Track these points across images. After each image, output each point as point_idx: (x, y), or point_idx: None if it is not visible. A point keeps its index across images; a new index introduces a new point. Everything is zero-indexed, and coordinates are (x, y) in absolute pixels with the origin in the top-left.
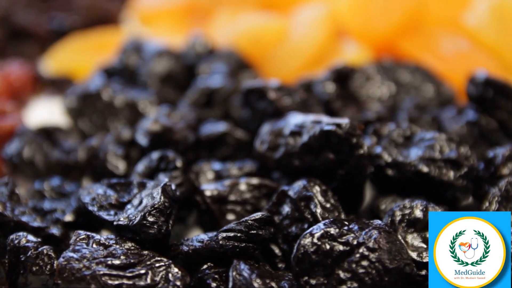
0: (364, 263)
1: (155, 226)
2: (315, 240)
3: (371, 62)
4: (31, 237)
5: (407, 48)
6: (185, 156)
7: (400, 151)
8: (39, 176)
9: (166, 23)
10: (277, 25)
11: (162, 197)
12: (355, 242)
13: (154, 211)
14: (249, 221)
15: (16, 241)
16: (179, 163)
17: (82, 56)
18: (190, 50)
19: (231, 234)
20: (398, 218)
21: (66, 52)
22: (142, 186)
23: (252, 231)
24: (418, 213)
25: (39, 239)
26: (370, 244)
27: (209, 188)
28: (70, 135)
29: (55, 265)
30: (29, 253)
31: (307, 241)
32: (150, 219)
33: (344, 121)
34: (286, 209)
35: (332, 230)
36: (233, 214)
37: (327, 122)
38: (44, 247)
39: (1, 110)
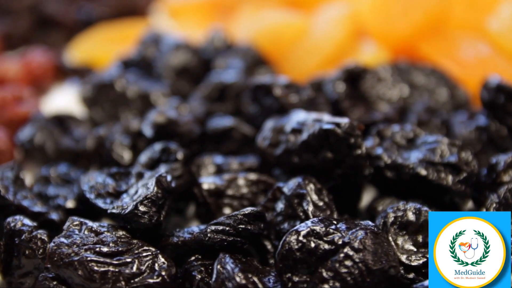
0: (348, 263)
1: (146, 216)
2: (300, 238)
3: (386, 63)
4: (27, 221)
5: (426, 51)
6: (190, 148)
7: (401, 153)
8: (49, 162)
9: (193, 17)
10: (297, 23)
11: (155, 188)
12: (340, 242)
13: (146, 201)
14: (239, 216)
15: (12, 224)
16: (179, 156)
17: (106, 47)
18: (208, 44)
19: (220, 228)
20: (390, 220)
21: (91, 42)
22: (139, 176)
23: (241, 226)
24: (410, 216)
25: (34, 224)
26: (355, 244)
27: (207, 181)
28: (82, 124)
29: (47, 249)
30: (23, 236)
31: (292, 238)
32: (142, 208)
33: (344, 120)
34: (280, 205)
35: (319, 229)
36: (229, 208)
37: (327, 121)
38: (38, 231)
39: (19, 96)
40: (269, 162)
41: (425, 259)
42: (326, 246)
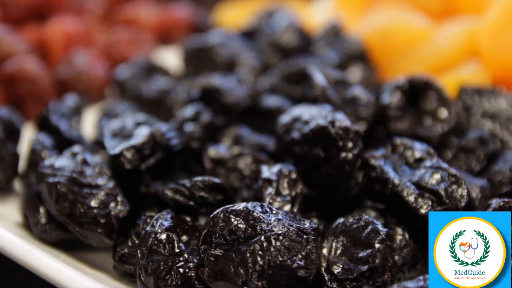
0: (257, 251)
1: (126, 161)
2: (230, 215)
3: (470, 85)
4: (45, 140)
5: None
6: (228, 117)
7: (401, 170)
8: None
9: (354, 6)
10: (413, 29)
11: (144, 139)
12: (260, 230)
13: (130, 147)
14: (198, 182)
15: (33, 142)
16: (203, 120)
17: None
18: (322, 32)
19: (178, 188)
20: (342, 228)
21: (238, 8)
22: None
23: (196, 192)
24: (361, 229)
25: (48, 144)
26: (271, 237)
27: (213, 149)
28: (168, 77)
29: None
30: (34, 152)
31: (221, 213)
32: (125, 153)
33: (341, 121)
34: (255, 187)
35: (250, 212)
36: (224, 179)
37: (329, 118)
38: (46, 151)
39: (135, 40)
40: (280, 146)
41: (350, 276)
42: (249, 230)
